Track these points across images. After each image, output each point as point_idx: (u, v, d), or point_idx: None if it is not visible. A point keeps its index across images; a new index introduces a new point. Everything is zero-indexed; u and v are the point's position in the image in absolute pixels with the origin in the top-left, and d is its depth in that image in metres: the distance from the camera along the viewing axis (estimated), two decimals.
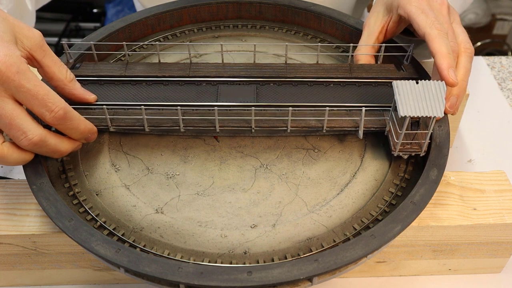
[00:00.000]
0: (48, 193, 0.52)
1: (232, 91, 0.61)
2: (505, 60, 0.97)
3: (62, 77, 0.55)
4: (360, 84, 0.62)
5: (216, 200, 0.55)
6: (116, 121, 0.57)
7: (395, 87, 0.53)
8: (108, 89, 0.61)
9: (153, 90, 0.61)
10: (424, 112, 0.51)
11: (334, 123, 0.58)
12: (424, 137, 0.54)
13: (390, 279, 0.63)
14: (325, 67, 0.64)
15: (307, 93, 0.61)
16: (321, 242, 0.52)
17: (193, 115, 0.58)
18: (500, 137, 0.81)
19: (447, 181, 0.60)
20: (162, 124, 0.57)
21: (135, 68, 0.63)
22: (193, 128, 0.57)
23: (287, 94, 0.61)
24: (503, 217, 0.57)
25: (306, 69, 0.63)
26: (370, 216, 0.54)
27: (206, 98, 0.60)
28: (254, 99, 0.60)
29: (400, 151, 0.56)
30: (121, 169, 0.58)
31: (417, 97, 0.52)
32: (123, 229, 0.53)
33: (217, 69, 0.63)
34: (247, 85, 0.61)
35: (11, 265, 0.59)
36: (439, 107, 0.51)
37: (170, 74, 0.62)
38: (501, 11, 1.93)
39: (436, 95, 0.52)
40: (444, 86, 0.52)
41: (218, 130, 0.57)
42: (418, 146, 0.56)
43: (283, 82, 0.62)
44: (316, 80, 0.62)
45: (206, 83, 0.62)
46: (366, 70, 0.63)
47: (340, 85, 0.62)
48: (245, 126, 0.57)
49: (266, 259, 0.51)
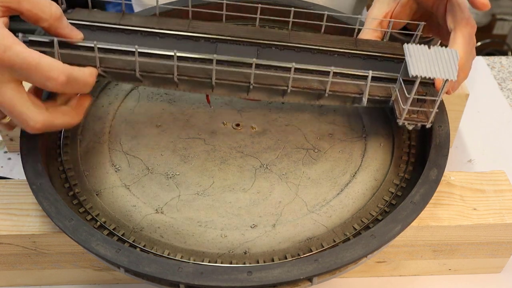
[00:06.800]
0: (48, 193, 0.52)
1: (231, 50, 0.57)
2: (505, 60, 0.97)
3: (47, 17, 0.51)
4: (365, 57, 0.59)
5: (216, 200, 0.55)
6: (106, 62, 0.53)
7: (406, 49, 0.50)
8: (99, 35, 0.57)
9: (148, 41, 0.57)
10: (436, 73, 0.48)
11: (338, 87, 0.55)
12: (432, 105, 0.52)
13: (390, 279, 0.63)
14: (330, 38, 0.61)
15: (310, 60, 0.58)
16: (321, 242, 0.52)
17: (189, 64, 0.54)
18: (500, 137, 0.81)
19: (447, 181, 0.60)
20: (155, 70, 0.54)
21: (131, 18, 0.60)
22: (188, 78, 0.54)
23: (289, 59, 0.56)
24: (503, 217, 0.57)
25: (311, 38, 0.60)
26: (370, 216, 0.54)
27: (203, 53, 0.56)
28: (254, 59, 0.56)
29: (405, 120, 0.53)
30: (121, 169, 0.58)
31: (429, 60, 0.49)
32: (123, 229, 0.53)
33: (218, 28, 0.60)
34: (248, 46, 0.58)
35: (11, 265, 0.59)
36: (452, 71, 0.48)
37: (167, 28, 0.59)
38: (501, 11, 1.93)
39: (449, 60, 0.49)
40: (457, 54, 0.50)
41: (214, 83, 0.54)
42: (425, 116, 0.53)
43: (286, 47, 0.59)
44: (320, 49, 0.59)
45: (204, 40, 0.58)
46: (372, 46, 0.60)
47: (345, 56, 0.59)
48: (243, 81, 0.54)
49: (266, 259, 0.51)
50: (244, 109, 0.65)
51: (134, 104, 0.65)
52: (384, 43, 0.61)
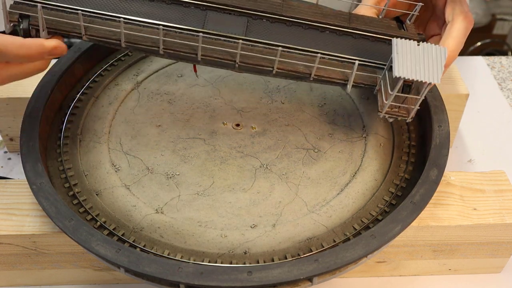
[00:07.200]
0: (48, 193, 0.52)
1: (220, 20, 0.56)
2: (505, 60, 0.97)
3: None
4: (357, 37, 0.58)
5: (216, 200, 0.55)
6: (91, 31, 0.53)
7: (394, 44, 0.50)
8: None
9: (136, 4, 0.56)
10: (420, 76, 0.48)
11: (323, 72, 0.54)
12: (414, 102, 0.52)
13: (390, 279, 0.63)
14: (323, 10, 0.59)
15: (300, 36, 0.57)
16: (321, 242, 0.52)
17: (175, 38, 0.54)
18: (500, 137, 0.81)
19: (447, 181, 0.60)
20: (141, 42, 0.53)
21: None
22: (173, 52, 0.54)
23: (279, 33, 0.57)
24: (503, 217, 0.57)
25: (304, 10, 0.59)
26: (370, 216, 0.54)
27: (192, 22, 0.56)
28: (243, 33, 0.56)
29: (386, 113, 0.53)
30: (121, 169, 0.58)
31: (415, 59, 0.49)
32: (123, 229, 0.53)
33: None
34: (238, 16, 0.57)
35: (11, 265, 0.59)
36: (437, 73, 0.48)
37: None
38: (501, 11, 1.93)
39: (436, 60, 0.49)
40: (446, 52, 0.50)
41: (199, 59, 0.53)
42: (406, 112, 0.53)
43: (277, 20, 0.58)
44: (312, 24, 0.58)
45: (194, 6, 0.57)
46: (366, 23, 0.59)
47: (336, 34, 0.58)
48: (229, 59, 0.54)
49: (266, 259, 0.51)
50: (244, 109, 0.65)
51: (134, 104, 0.65)
52: (379, 21, 0.60)
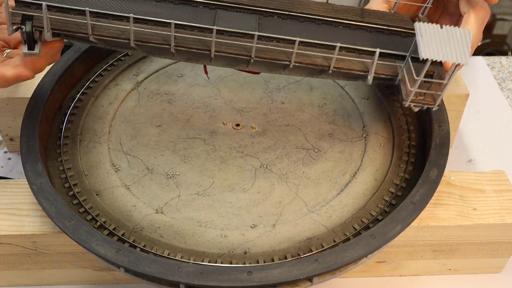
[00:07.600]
0: (48, 193, 0.52)
1: (231, 18, 0.55)
2: (505, 60, 0.97)
3: None
4: (372, 30, 0.57)
5: (216, 200, 0.55)
6: (98, 30, 0.51)
7: (417, 28, 0.48)
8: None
9: (143, 6, 0.54)
10: (448, 57, 0.46)
11: (343, 63, 0.53)
12: (440, 88, 0.50)
13: (390, 279, 0.63)
14: (335, 7, 0.58)
15: (314, 31, 0.55)
16: (321, 242, 0.52)
17: (187, 35, 0.52)
18: (500, 137, 0.81)
19: (447, 181, 0.60)
20: (151, 40, 0.51)
21: None
22: (185, 49, 0.51)
23: (292, 29, 0.55)
24: (503, 217, 0.57)
25: (315, 6, 0.57)
26: (370, 216, 0.54)
27: (202, 21, 0.54)
28: (256, 30, 0.53)
29: (412, 102, 0.50)
30: (121, 169, 0.58)
31: (440, 41, 0.47)
32: (123, 229, 0.53)
33: None
34: (249, 14, 0.55)
35: (11, 265, 0.59)
36: (464, 55, 0.46)
37: None
38: (501, 11, 1.93)
39: (461, 42, 0.47)
40: (470, 34, 0.48)
41: (213, 55, 0.51)
42: (432, 99, 0.50)
43: (289, 16, 0.56)
44: (325, 19, 0.56)
45: (203, 5, 0.55)
46: (379, 17, 0.58)
47: (350, 28, 0.57)
48: (243, 55, 0.52)
49: (266, 259, 0.51)
50: (244, 109, 0.65)
51: (134, 104, 0.65)
52: (392, 15, 0.59)
